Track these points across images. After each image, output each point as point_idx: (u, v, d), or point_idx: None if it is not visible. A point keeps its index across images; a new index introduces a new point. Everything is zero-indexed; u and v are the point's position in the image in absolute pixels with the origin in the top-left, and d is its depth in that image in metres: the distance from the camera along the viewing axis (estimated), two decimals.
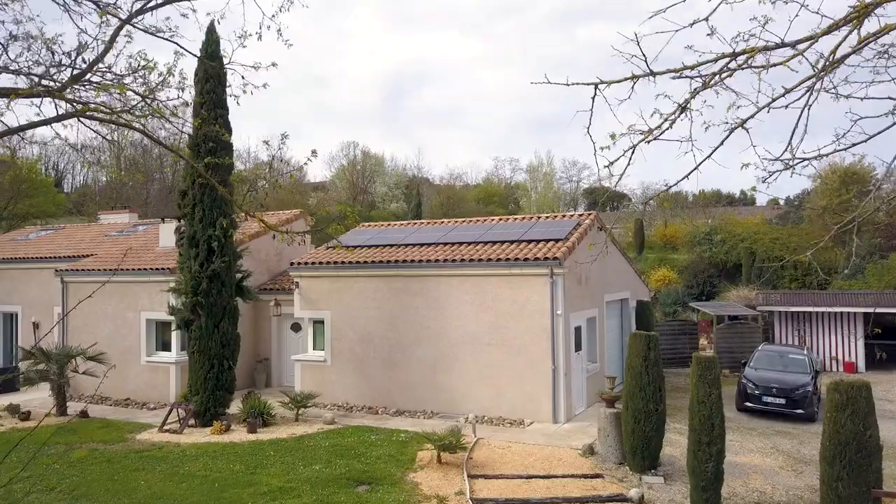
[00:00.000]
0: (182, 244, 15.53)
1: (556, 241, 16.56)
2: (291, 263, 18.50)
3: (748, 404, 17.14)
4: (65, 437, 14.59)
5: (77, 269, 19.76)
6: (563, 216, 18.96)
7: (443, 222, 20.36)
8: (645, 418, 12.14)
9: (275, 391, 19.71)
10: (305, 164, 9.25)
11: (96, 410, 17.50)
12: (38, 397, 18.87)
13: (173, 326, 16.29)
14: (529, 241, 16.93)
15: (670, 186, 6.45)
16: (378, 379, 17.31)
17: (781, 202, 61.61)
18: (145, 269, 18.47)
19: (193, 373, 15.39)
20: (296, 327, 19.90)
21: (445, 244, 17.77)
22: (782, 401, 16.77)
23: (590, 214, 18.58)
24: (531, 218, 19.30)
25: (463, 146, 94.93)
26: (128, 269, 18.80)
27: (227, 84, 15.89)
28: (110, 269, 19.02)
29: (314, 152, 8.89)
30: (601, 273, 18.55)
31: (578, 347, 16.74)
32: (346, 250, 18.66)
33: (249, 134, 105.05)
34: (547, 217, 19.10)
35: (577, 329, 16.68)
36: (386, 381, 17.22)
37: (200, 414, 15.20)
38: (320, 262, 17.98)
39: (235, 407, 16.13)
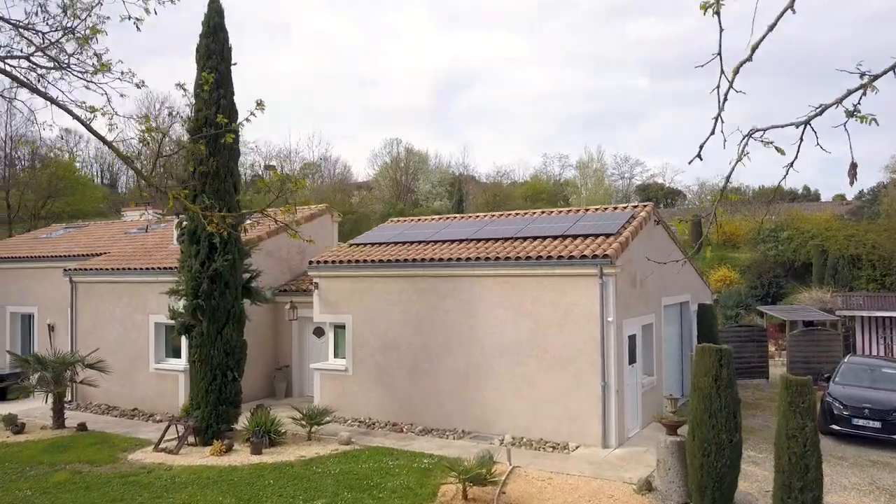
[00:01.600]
0: (183, 240, 13.91)
1: (607, 236, 14.36)
2: (310, 262, 16.74)
3: (835, 427, 14.60)
4: (53, 455, 13.12)
5: (85, 269, 18.45)
6: (615, 208, 16.71)
7: (477, 216, 18.32)
8: (716, 451, 9.89)
9: (295, 401, 17.99)
10: (248, 119, 7.22)
11: (99, 422, 16.07)
12: (40, 406, 17.52)
13: (174, 332, 14.68)
14: (575, 237, 14.77)
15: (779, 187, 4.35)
16: (403, 391, 15.40)
17: (849, 198, 57.52)
18: (152, 268, 16.98)
19: (194, 384, 13.75)
20: (318, 332, 18.15)
21: (479, 241, 15.73)
22: (877, 424, 14.20)
23: (645, 206, 16.29)
24: (577, 211, 17.11)
25: (510, 144, 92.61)
26: (134, 269, 17.36)
27: (233, 62, 14.24)
28: (118, 269, 17.61)
29: (260, 103, 6.96)
30: (658, 273, 16.22)
31: (632, 359, 14.50)
32: (371, 248, 16.82)
33: (291, 132, 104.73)
34: (596, 209, 16.88)
35: (632, 338, 14.44)
36: (411, 394, 15.30)
37: (202, 430, 13.54)
38: (340, 261, 16.16)
39: (245, 421, 14.41)
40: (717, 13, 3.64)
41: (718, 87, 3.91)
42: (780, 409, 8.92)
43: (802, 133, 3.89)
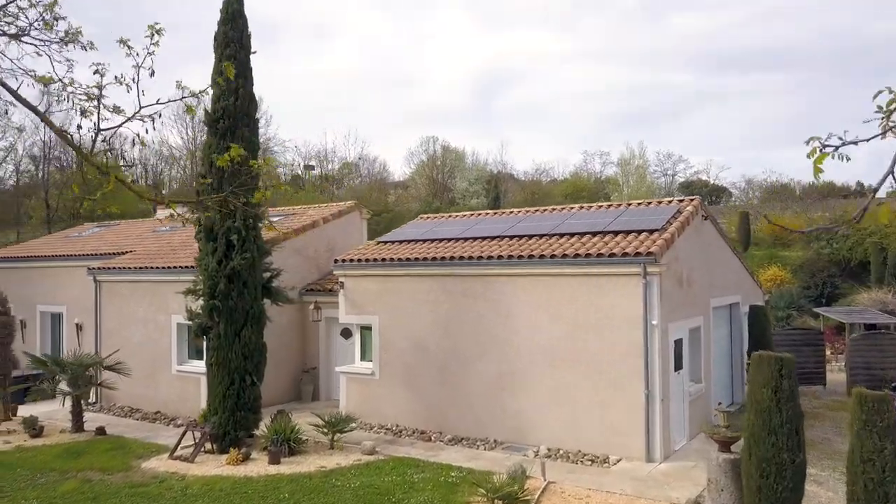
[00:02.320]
0: (200, 237, 13.27)
1: (651, 232, 13.26)
2: (335, 261, 15.99)
3: None
4: (67, 461, 12.62)
5: (109, 268, 18.05)
6: (659, 202, 15.56)
7: (511, 212, 17.34)
8: (776, 472, 8.80)
9: (322, 405, 17.33)
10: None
11: (120, 426, 15.59)
12: (63, 409, 17.11)
13: (184, 335, 14.07)
14: (616, 233, 13.70)
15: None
16: (432, 397, 14.53)
17: None
18: (173, 267, 16.44)
19: (211, 389, 13.11)
20: (346, 333, 17.40)
21: (512, 237, 14.76)
22: None
23: (692, 200, 15.11)
24: (619, 205, 16.01)
25: (549, 141, 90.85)
26: (155, 268, 16.86)
27: (252, 50, 13.55)
28: (140, 268, 17.14)
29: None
30: (707, 272, 15.06)
31: (679, 366, 13.38)
32: (398, 245, 16.00)
33: (328, 131, 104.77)
34: (639, 204, 15.75)
35: (678, 342, 13.32)
36: (441, 401, 14.42)
37: (219, 437, 12.89)
38: (366, 259, 15.37)
39: (266, 426, 13.72)
40: None
41: None
42: (854, 429, 7.79)
43: None
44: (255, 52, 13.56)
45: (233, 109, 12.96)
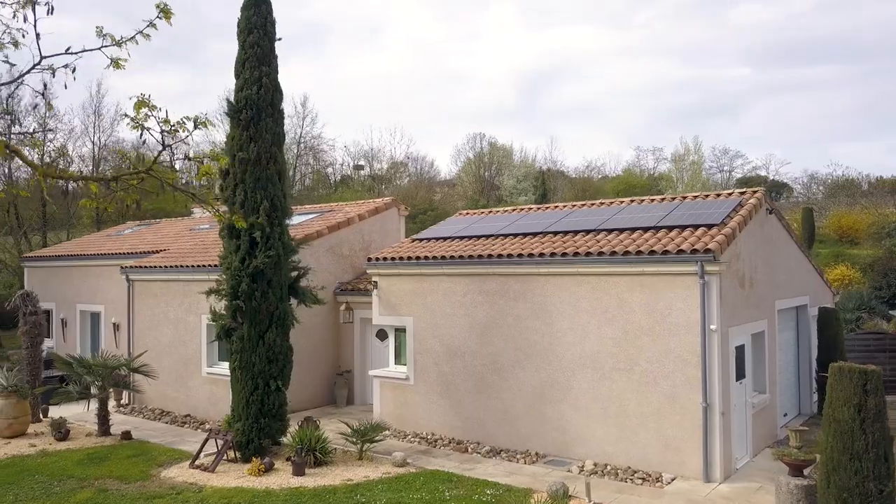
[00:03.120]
0: (224, 235, 12.61)
1: (709, 227, 12.01)
2: (368, 259, 15.17)
3: None
4: (86, 468, 12.10)
5: (141, 267, 17.65)
6: (718, 195, 14.24)
7: (556, 206, 16.21)
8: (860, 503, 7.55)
9: (356, 410, 16.59)
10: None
11: (147, 429, 15.10)
12: (92, 411, 16.78)
13: (211, 336, 13.45)
14: (671, 228, 12.49)
15: None
16: (469, 406, 13.57)
17: None
18: (203, 266, 15.88)
19: (235, 394, 12.43)
20: (381, 335, 16.56)
21: (556, 233, 13.68)
22: None
23: (755, 192, 13.75)
24: (673, 199, 14.74)
25: (601, 137, 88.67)
26: (185, 267, 16.35)
27: (277, 37, 12.82)
28: (170, 266, 16.67)
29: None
30: (771, 271, 13.69)
31: (741, 374, 12.09)
32: (434, 243, 15.08)
33: (374, 130, 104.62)
34: (695, 197, 14.46)
35: (739, 349, 12.04)
36: (479, 409, 13.45)
37: (243, 445, 12.19)
38: (400, 258, 14.50)
39: (292, 434, 12.97)
40: None
41: None
42: None
43: None
44: (279, 39, 12.83)
45: (256, 99, 12.24)
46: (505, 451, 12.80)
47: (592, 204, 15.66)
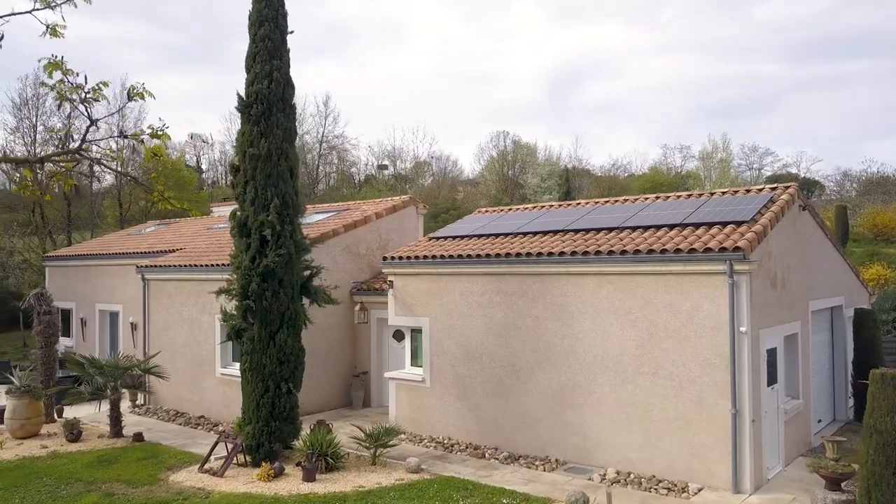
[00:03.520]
0: (234, 233, 12.30)
1: (738, 224, 11.42)
2: (384, 258, 14.79)
3: None
4: (95, 470, 11.88)
5: (156, 266, 17.47)
6: (748, 191, 13.60)
7: (578, 203, 15.66)
8: None
9: (373, 412, 16.25)
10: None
11: (160, 431, 14.88)
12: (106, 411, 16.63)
13: (223, 336, 13.17)
14: (698, 226, 11.91)
15: None
16: (486, 409, 13.12)
17: None
18: (215, 265, 15.62)
19: (245, 396, 12.13)
20: (398, 335, 16.18)
21: (577, 231, 13.17)
22: None
23: (787, 188, 13.10)
24: (700, 195, 14.13)
25: (627, 136, 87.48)
26: (199, 266, 16.11)
27: (289, 30, 12.48)
28: (183, 266, 16.45)
29: None
30: (804, 270, 13.04)
31: (772, 379, 11.47)
32: (451, 241, 14.65)
33: (397, 128, 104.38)
34: (723, 193, 13.83)
35: (771, 352, 11.42)
36: (496, 413, 12.99)
37: (253, 449, 11.88)
38: (416, 257, 14.09)
39: (304, 438, 12.62)
40: None
41: None
42: None
43: None
44: (292, 32, 12.49)
45: (267, 94, 11.90)
46: (523, 458, 12.32)
47: (616, 201, 15.11)
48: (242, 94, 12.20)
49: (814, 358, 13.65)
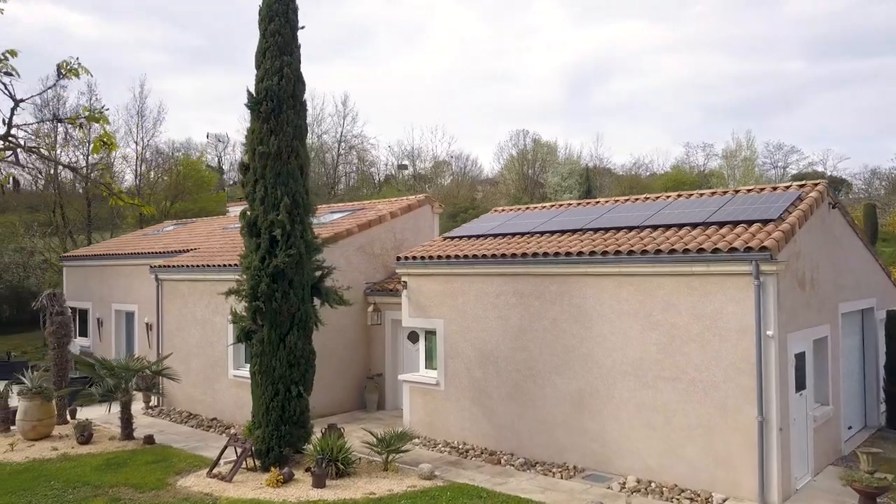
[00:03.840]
0: (244, 233, 12.06)
1: (765, 222, 10.94)
2: (397, 258, 14.49)
3: None
4: (103, 474, 11.70)
5: (169, 266, 17.33)
6: (774, 188, 13.09)
7: (597, 202, 15.24)
8: None
9: (387, 415, 15.96)
10: None
11: (172, 433, 14.71)
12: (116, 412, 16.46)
13: (233, 338, 12.94)
14: (722, 224, 11.44)
15: None
16: (502, 414, 12.75)
17: None
18: (228, 265, 15.42)
19: (255, 400, 11.88)
20: (413, 337, 15.88)
21: (596, 230, 12.75)
22: None
23: (816, 185, 12.58)
24: (724, 192, 13.63)
25: (648, 134, 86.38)
26: (211, 266, 15.93)
27: (300, 25, 12.22)
28: (196, 266, 16.28)
29: None
30: (834, 271, 12.52)
31: (801, 385, 10.97)
32: (466, 241, 14.31)
33: (415, 128, 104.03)
34: (749, 190, 13.33)
35: (799, 356, 10.93)
36: (512, 418, 12.62)
37: (262, 454, 11.63)
38: (430, 257, 13.76)
39: (314, 442, 12.34)
40: None
41: None
42: None
43: None
44: (303, 28, 12.22)
45: (277, 90, 11.64)
46: (540, 464, 11.94)
47: (636, 199, 14.66)
48: (252, 90, 11.96)
49: (844, 362, 13.10)
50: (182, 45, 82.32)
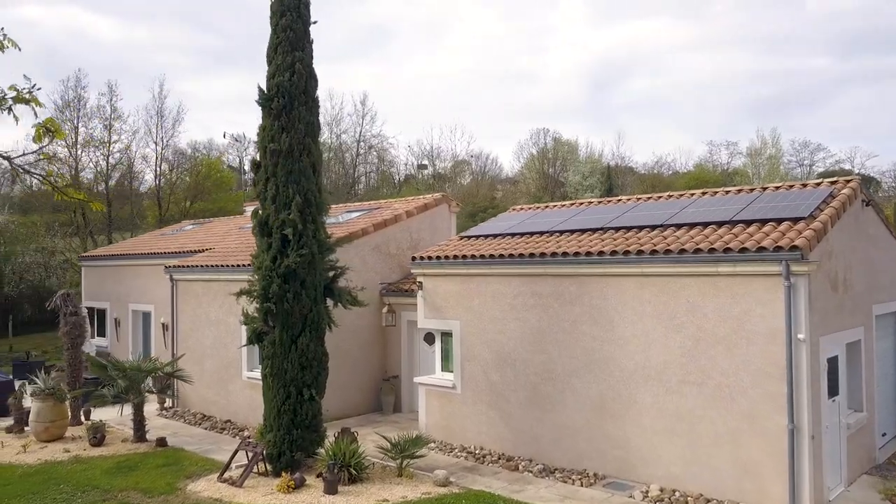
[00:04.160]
0: (255, 232, 11.82)
1: (795, 221, 10.45)
2: (413, 258, 14.17)
3: None
4: (114, 477, 11.52)
5: (183, 266, 17.18)
6: (804, 185, 12.57)
7: (618, 200, 14.79)
8: None
9: (403, 418, 15.69)
10: None
11: (185, 435, 14.54)
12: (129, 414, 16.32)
13: (244, 340, 12.70)
14: (749, 223, 10.97)
15: None
16: (520, 418, 12.39)
17: None
18: (241, 265, 15.21)
19: (267, 403, 11.64)
20: (430, 338, 15.56)
21: (617, 229, 12.33)
22: None
23: (848, 181, 12.05)
24: (751, 190, 13.13)
25: (671, 133, 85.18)
26: (224, 266, 15.73)
27: (312, 20, 11.95)
28: (210, 266, 16.10)
29: None
30: (867, 271, 11.98)
31: (834, 391, 10.47)
32: (484, 240, 13.95)
33: (434, 127, 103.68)
34: (777, 187, 12.82)
35: (832, 360, 10.43)
36: (531, 423, 12.24)
37: (274, 458, 11.37)
38: (446, 257, 13.43)
39: (326, 447, 12.04)
40: None
41: None
42: None
43: None
44: (315, 23, 11.96)
45: (288, 86, 11.38)
46: (559, 471, 11.55)
47: (659, 197, 14.19)
48: (264, 87, 11.72)
49: (878, 366, 12.55)
50: (206, 46, 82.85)
